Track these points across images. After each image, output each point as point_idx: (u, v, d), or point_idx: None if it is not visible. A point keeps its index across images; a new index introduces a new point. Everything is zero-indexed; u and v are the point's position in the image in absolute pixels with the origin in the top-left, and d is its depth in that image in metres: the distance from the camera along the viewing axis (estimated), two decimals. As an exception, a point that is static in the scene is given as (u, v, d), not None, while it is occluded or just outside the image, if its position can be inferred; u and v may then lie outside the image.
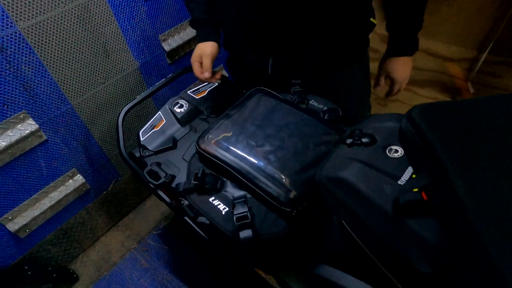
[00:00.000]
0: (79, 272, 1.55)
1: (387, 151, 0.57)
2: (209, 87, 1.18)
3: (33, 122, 1.21)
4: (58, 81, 1.22)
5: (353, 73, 1.05)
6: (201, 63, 1.00)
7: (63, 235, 1.51)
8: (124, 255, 1.59)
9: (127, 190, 1.69)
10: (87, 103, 1.35)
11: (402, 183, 0.51)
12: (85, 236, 1.61)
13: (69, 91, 1.27)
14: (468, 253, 0.39)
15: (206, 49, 0.99)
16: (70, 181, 1.43)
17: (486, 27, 1.30)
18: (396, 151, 0.57)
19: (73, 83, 1.27)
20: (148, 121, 1.11)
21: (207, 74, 0.99)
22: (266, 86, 1.01)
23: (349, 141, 0.61)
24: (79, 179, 1.45)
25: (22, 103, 1.16)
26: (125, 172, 1.64)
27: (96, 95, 1.37)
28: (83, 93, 1.32)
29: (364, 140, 0.60)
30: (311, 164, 0.72)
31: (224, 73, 1.86)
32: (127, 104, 1.09)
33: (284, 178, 0.70)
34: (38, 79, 1.17)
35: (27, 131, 1.20)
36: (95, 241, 1.65)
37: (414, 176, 0.51)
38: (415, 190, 0.48)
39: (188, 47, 1.62)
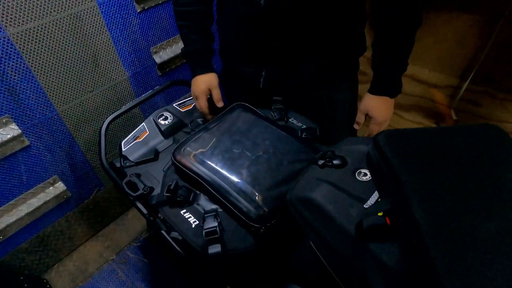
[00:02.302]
0: (53, 282, 1.50)
1: (356, 174, 0.58)
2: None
3: (16, 127, 1.20)
4: (44, 87, 1.22)
5: (342, 91, 1.05)
6: (207, 96, 1.03)
7: (40, 243, 1.48)
8: (101, 267, 1.55)
9: (110, 199, 1.67)
10: (74, 110, 1.35)
11: (367, 207, 0.51)
12: (63, 245, 1.57)
13: (55, 98, 1.27)
14: (422, 279, 0.39)
15: (212, 81, 1.02)
16: (51, 188, 1.41)
17: (468, 56, 1.34)
18: (365, 174, 0.57)
19: (60, 90, 1.27)
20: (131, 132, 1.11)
21: (221, 103, 1.02)
22: (257, 99, 1.03)
23: (320, 162, 0.62)
24: (60, 186, 1.43)
25: (6, 107, 1.16)
26: (108, 182, 1.63)
27: (83, 103, 1.37)
28: (70, 100, 1.32)
29: (335, 162, 0.61)
30: (283, 181, 0.73)
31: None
32: (113, 113, 1.10)
33: (255, 194, 0.71)
34: (24, 84, 1.17)
35: (9, 135, 1.19)
36: (73, 251, 1.61)
37: (379, 200, 0.52)
38: (380, 214, 0.48)
39: (179, 60, 1.64)
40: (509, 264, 0.36)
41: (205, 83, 1.02)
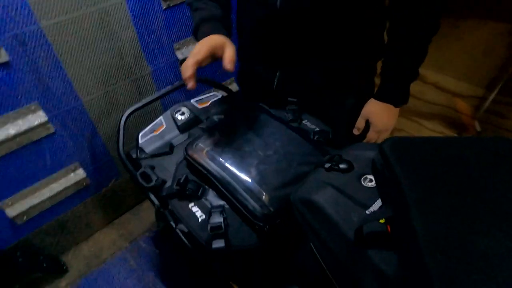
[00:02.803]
0: (70, 264, 1.57)
1: (362, 179, 0.58)
2: (213, 98, 1.21)
3: (43, 114, 1.27)
4: (71, 77, 1.28)
5: (355, 97, 1.02)
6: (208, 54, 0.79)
7: (59, 226, 1.55)
8: (114, 254, 1.61)
9: (127, 189, 1.72)
10: (97, 101, 1.41)
11: (369, 213, 0.51)
12: (80, 230, 1.64)
13: (81, 88, 1.33)
14: (417, 290, 0.39)
15: (225, 40, 0.79)
16: (72, 174, 1.48)
17: (496, 66, 1.29)
18: (371, 180, 0.57)
19: (85, 81, 1.33)
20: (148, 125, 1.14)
21: (232, 66, 0.78)
22: (272, 100, 1.03)
23: (327, 165, 0.62)
24: (80, 173, 1.49)
25: (35, 95, 1.22)
26: (126, 173, 1.67)
27: (106, 95, 1.42)
28: (94, 91, 1.37)
29: (341, 166, 0.60)
30: (290, 182, 0.73)
31: (235, 86, 1.90)
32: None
33: (262, 193, 0.71)
34: (53, 74, 1.23)
35: (37, 122, 1.25)
36: (89, 236, 1.67)
37: (381, 207, 0.51)
38: (382, 221, 0.48)
39: (201, 57, 1.67)
40: (504, 281, 0.35)
41: (215, 40, 0.79)
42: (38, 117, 1.26)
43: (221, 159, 0.81)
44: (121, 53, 1.38)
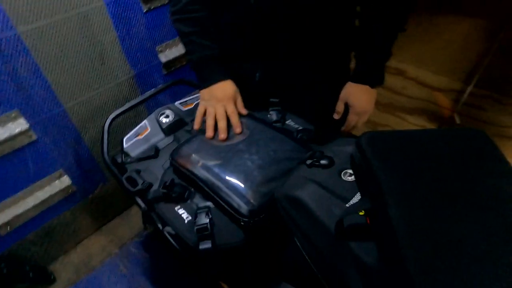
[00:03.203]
0: (58, 273, 1.55)
1: (342, 174, 0.59)
2: (197, 100, 1.21)
3: (24, 122, 1.24)
4: (52, 83, 1.26)
5: (336, 87, 1.04)
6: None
7: (45, 235, 1.52)
8: (104, 260, 1.59)
9: (114, 194, 1.71)
10: (80, 107, 1.39)
11: (349, 206, 0.52)
12: (68, 238, 1.61)
13: (63, 94, 1.31)
14: (395, 277, 0.40)
15: (235, 88, 0.94)
16: (57, 181, 1.45)
17: (472, 61, 1.33)
18: (351, 174, 0.58)
19: (67, 87, 1.31)
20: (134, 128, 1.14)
21: (245, 111, 0.94)
22: (253, 95, 1.04)
23: (308, 162, 0.63)
24: (65, 180, 1.47)
25: (15, 102, 1.20)
26: (112, 177, 1.66)
27: (89, 100, 1.40)
28: (76, 97, 1.36)
29: (322, 162, 0.62)
30: (274, 178, 0.75)
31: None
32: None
33: (245, 190, 0.72)
34: (33, 80, 1.21)
35: (18, 129, 1.23)
36: (77, 244, 1.65)
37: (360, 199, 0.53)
38: (361, 214, 0.49)
39: (184, 59, 1.67)
40: (478, 265, 0.36)
41: (231, 88, 0.94)
42: (19, 125, 1.23)
43: (205, 161, 0.81)
44: (103, 57, 1.37)
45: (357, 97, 0.93)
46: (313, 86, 1.04)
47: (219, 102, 0.92)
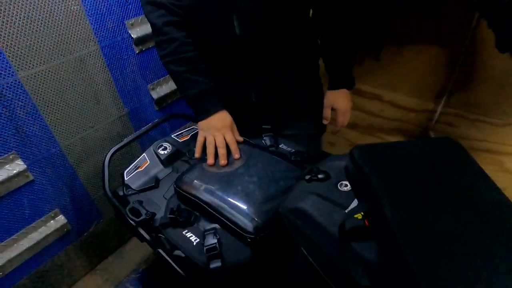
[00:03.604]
0: (52, 319, 1.49)
1: (338, 185, 0.66)
2: (191, 132, 1.28)
3: (22, 163, 1.26)
4: (49, 124, 1.31)
5: (315, 89, 1.27)
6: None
7: (39, 279, 1.48)
8: (100, 301, 1.55)
9: (109, 232, 1.70)
10: (76, 145, 1.42)
11: (348, 212, 0.59)
12: (62, 281, 1.57)
13: (59, 133, 1.35)
14: (395, 268, 0.46)
15: (229, 119, 1.03)
16: (52, 221, 1.45)
17: (439, 83, 1.48)
18: (346, 185, 0.66)
19: (64, 126, 1.35)
20: (133, 162, 1.18)
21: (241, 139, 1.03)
22: (250, 112, 1.15)
23: (307, 177, 0.70)
24: (61, 219, 1.46)
25: (13, 144, 1.23)
26: (107, 214, 1.67)
27: (85, 138, 1.45)
28: (72, 135, 1.40)
29: (320, 176, 0.69)
30: (274, 197, 0.81)
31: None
32: (114, 146, 1.17)
33: (249, 209, 0.78)
34: (31, 122, 1.25)
35: (15, 171, 1.25)
36: (71, 286, 1.61)
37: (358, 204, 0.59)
38: (360, 217, 0.56)
39: (175, 95, 1.76)
40: (464, 249, 0.43)
41: (228, 118, 1.03)
42: (17, 166, 1.26)
43: (209, 186, 0.87)
44: (98, 97, 1.43)
45: (340, 100, 1.14)
46: (298, 91, 1.20)
47: (218, 131, 0.99)
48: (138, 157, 1.20)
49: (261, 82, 1.13)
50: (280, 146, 1.05)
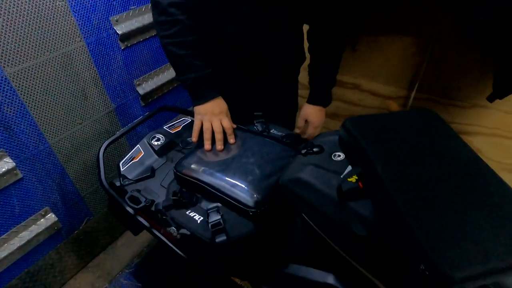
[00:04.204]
0: (45, 318, 1.48)
1: (332, 156, 0.73)
2: (183, 123, 1.32)
3: (10, 160, 1.25)
4: (38, 121, 1.30)
5: (294, 90, 1.39)
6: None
7: (30, 278, 1.47)
8: (94, 297, 1.55)
9: (99, 229, 1.70)
10: (64, 142, 1.42)
11: (343, 176, 0.66)
12: (53, 279, 1.56)
13: (47, 130, 1.34)
14: (388, 217, 0.53)
15: (225, 106, 1.05)
16: (42, 220, 1.44)
17: (412, 71, 1.59)
18: (339, 155, 0.73)
19: (52, 123, 1.35)
20: (126, 154, 1.20)
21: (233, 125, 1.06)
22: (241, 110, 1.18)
23: (304, 151, 0.77)
24: (51, 217, 1.45)
25: (1, 141, 1.22)
26: (97, 211, 1.67)
27: (73, 135, 1.45)
28: (61, 132, 1.39)
29: (315, 149, 0.76)
30: (271, 174, 0.87)
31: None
32: (104, 141, 1.19)
33: (248, 185, 0.84)
34: (19, 119, 1.24)
35: (4, 169, 1.24)
36: (63, 285, 1.60)
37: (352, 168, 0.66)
38: (354, 181, 0.63)
39: (160, 91, 1.78)
40: (444, 194, 0.51)
41: (224, 104, 1.06)
42: (5, 164, 1.25)
43: (208, 168, 0.92)
44: (85, 93, 1.44)
45: (316, 115, 1.22)
46: (279, 91, 1.28)
47: (215, 117, 1.02)
48: (126, 151, 1.21)
49: (245, 81, 1.18)
50: (271, 131, 1.11)
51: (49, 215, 1.45)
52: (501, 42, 1.24)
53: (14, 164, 1.26)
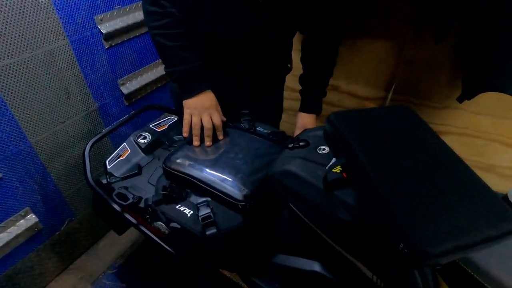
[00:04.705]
0: (25, 322, 1.44)
1: (317, 149, 0.78)
2: (169, 122, 1.33)
3: (-11, 160, 1.23)
4: (19, 119, 1.28)
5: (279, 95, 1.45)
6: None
7: (8, 281, 1.43)
8: (76, 299, 1.53)
9: (81, 230, 1.67)
10: (46, 141, 1.40)
11: (328, 168, 0.70)
12: (33, 283, 1.52)
13: (29, 129, 1.32)
14: (372, 202, 0.58)
15: (215, 100, 1.05)
16: (22, 221, 1.40)
17: (388, 73, 1.68)
18: (324, 149, 0.77)
19: (33, 122, 1.33)
20: (112, 153, 1.20)
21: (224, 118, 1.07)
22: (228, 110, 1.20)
23: (291, 145, 0.81)
24: (31, 218, 1.42)
25: (-20, 140, 1.19)
26: (79, 211, 1.64)
27: (55, 134, 1.43)
28: (43, 131, 1.37)
29: (301, 143, 0.80)
30: (259, 169, 0.91)
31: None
32: (87, 140, 1.18)
33: (237, 179, 0.87)
34: (-1, 117, 1.22)
35: (-18, 168, 1.21)
36: (44, 287, 1.56)
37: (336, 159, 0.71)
38: (338, 171, 0.67)
39: (144, 91, 1.78)
40: (423, 180, 0.57)
41: (214, 98, 1.06)
42: (-16, 163, 1.22)
43: (198, 163, 0.94)
44: (68, 92, 1.43)
45: (312, 123, 1.27)
46: (267, 89, 1.32)
47: (206, 111, 1.02)
48: (108, 150, 1.21)
49: (235, 81, 1.21)
50: (257, 128, 1.14)
51: (29, 215, 1.42)
52: (466, 46, 1.33)
53: (-6, 163, 1.23)
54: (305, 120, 1.27)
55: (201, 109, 1.02)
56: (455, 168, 0.60)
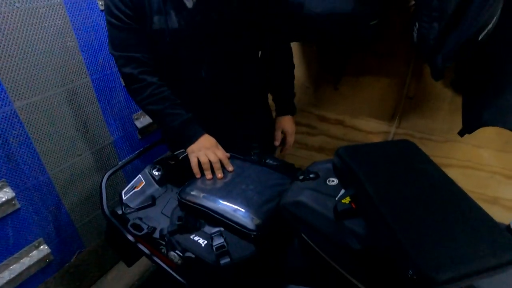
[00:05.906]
0: None
1: (327, 181, 0.83)
2: (181, 155, 1.39)
3: (10, 191, 1.28)
4: (40, 152, 1.35)
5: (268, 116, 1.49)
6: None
7: (16, 315, 1.42)
8: (82, 334, 1.51)
9: (90, 262, 1.68)
10: (63, 173, 1.46)
11: (337, 199, 0.75)
12: (40, 316, 1.51)
13: (48, 161, 1.39)
14: (380, 232, 0.62)
15: (214, 140, 1.15)
16: (35, 251, 1.43)
17: (391, 108, 1.75)
18: (333, 181, 0.82)
19: (53, 155, 1.40)
20: (127, 185, 1.26)
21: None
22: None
23: (301, 177, 0.86)
24: (44, 249, 1.45)
25: (3, 172, 1.25)
26: (89, 243, 1.66)
27: (72, 166, 1.49)
28: (61, 163, 1.44)
29: (311, 175, 0.85)
30: (270, 200, 0.95)
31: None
32: (101, 172, 1.24)
33: (249, 210, 0.91)
34: (23, 151, 1.29)
35: (3, 199, 1.26)
36: (50, 322, 1.55)
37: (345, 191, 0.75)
38: (347, 202, 0.72)
39: (157, 125, 1.86)
40: (427, 210, 0.61)
41: (212, 138, 1.15)
42: (5, 194, 1.27)
43: (211, 195, 0.99)
44: (87, 126, 1.51)
45: (288, 124, 1.41)
46: (252, 117, 1.40)
47: (208, 150, 1.11)
48: (120, 181, 1.26)
49: (220, 111, 1.30)
50: (267, 161, 1.20)
51: (42, 246, 1.45)
52: (464, 82, 1.41)
53: (14, 194, 1.29)
54: (283, 122, 1.41)
55: (205, 149, 1.11)
56: (457, 199, 0.65)
